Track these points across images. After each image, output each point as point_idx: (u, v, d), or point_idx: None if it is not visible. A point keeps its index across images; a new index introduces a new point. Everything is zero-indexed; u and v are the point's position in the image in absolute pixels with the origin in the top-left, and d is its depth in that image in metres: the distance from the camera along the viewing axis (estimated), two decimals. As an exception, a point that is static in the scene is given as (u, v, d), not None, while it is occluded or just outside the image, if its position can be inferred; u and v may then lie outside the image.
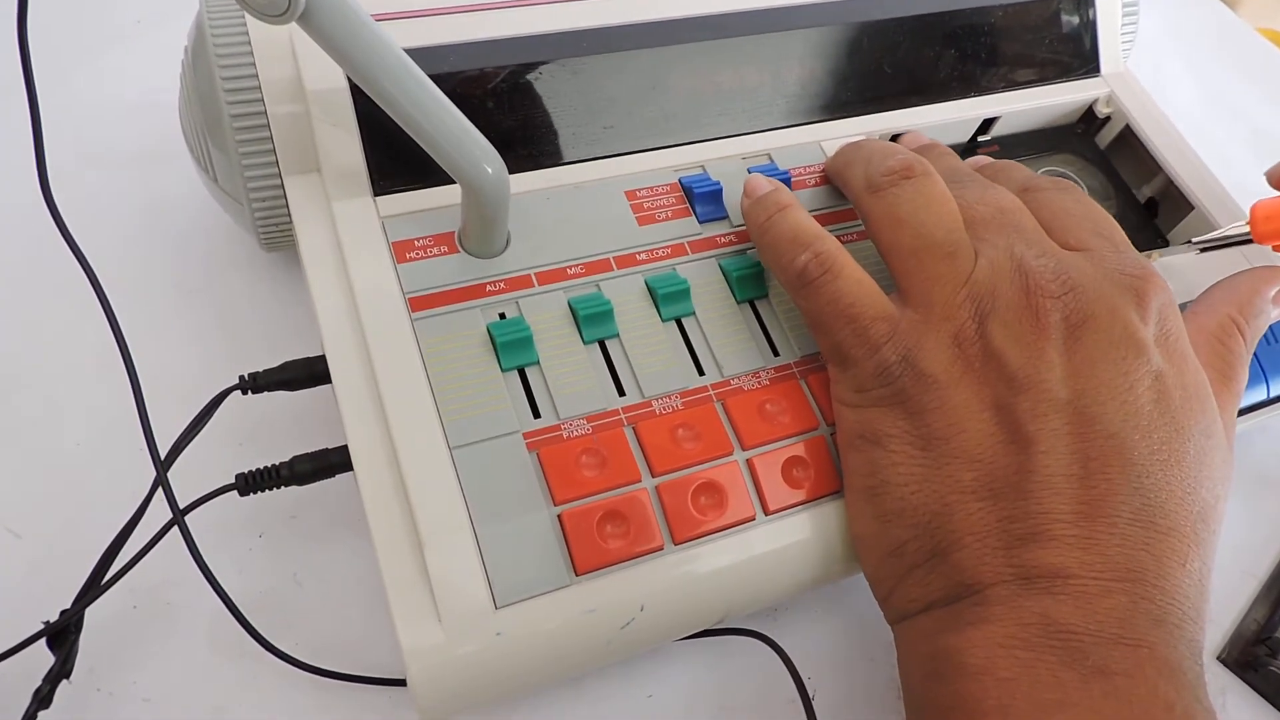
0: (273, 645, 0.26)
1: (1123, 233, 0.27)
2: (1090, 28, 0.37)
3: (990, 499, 0.22)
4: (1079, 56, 0.37)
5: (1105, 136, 0.37)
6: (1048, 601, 0.21)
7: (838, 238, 0.30)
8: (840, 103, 0.33)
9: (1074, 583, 0.21)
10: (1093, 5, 0.37)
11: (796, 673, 0.27)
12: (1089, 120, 0.37)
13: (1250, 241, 0.31)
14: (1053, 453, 0.22)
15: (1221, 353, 0.26)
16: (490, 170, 0.24)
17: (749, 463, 0.25)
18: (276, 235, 0.30)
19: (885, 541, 0.24)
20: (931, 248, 0.25)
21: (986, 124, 0.35)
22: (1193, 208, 0.34)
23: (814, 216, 0.30)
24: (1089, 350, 0.23)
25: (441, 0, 0.29)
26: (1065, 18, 0.36)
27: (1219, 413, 0.24)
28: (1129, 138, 0.36)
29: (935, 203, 0.25)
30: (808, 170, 0.31)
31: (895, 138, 0.33)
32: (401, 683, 0.27)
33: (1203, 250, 0.32)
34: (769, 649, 0.28)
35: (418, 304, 0.26)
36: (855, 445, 0.25)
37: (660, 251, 0.29)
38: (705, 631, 0.27)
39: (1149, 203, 0.36)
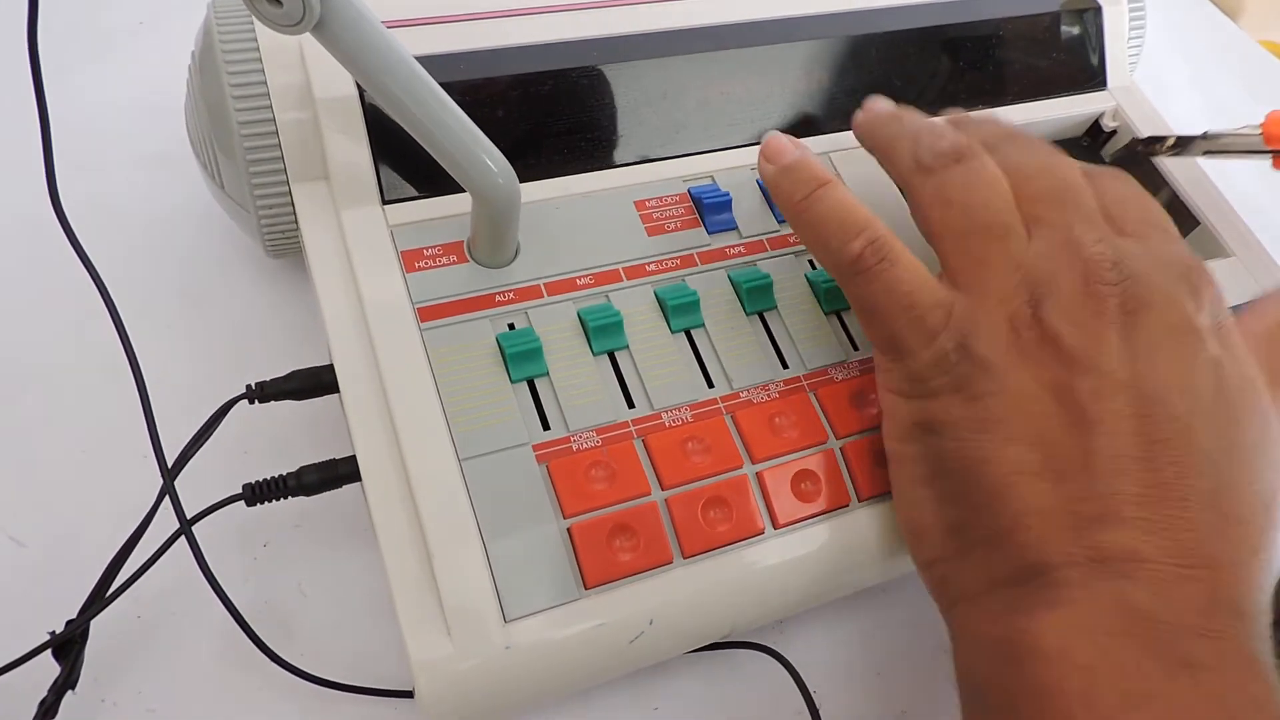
0: (278, 656, 0.26)
1: (1173, 224, 0.26)
2: (1097, 41, 0.37)
3: (1055, 480, 0.21)
4: (1086, 69, 0.37)
5: (1111, 150, 0.37)
6: (1124, 585, 0.20)
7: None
8: (849, 114, 0.33)
9: (1149, 567, 0.20)
10: (1100, 18, 0.37)
11: (804, 686, 0.27)
12: (1095, 133, 0.38)
13: (1258, 153, 0.31)
14: (1117, 434, 0.21)
15: (1272, 355, 0.26)
16: (501, 180, 0.24)
17: (758, 476, 0.25)
18: (283, 242, 0.30)
19: (944, 521, 0.23)
20: (982, 230, 0.24)
21: (993, 136, 0.35)
22: (1198, 223, 0.34)
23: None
24: (1148, 336, 0.22)
25: (453, 7, 0.29)
26: (1073, 31, 0.36)
27: (1273, 409, 0.24)
28: (1134, 152, 0.36)
29: (986, 185, 0.25)
30: (816, 181, 0.31)
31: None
32: (408, 694, 0.27)
33: (1206, 154, 0.32)
34: (776, 662, 0.27)
35: (427, 314, 0.26)
36: (912, 436, 0.24)
37: (669, 262, 0.29)
38: (712, 645, 0.27)
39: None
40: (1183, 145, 0.34)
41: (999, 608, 0.22)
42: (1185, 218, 0.35)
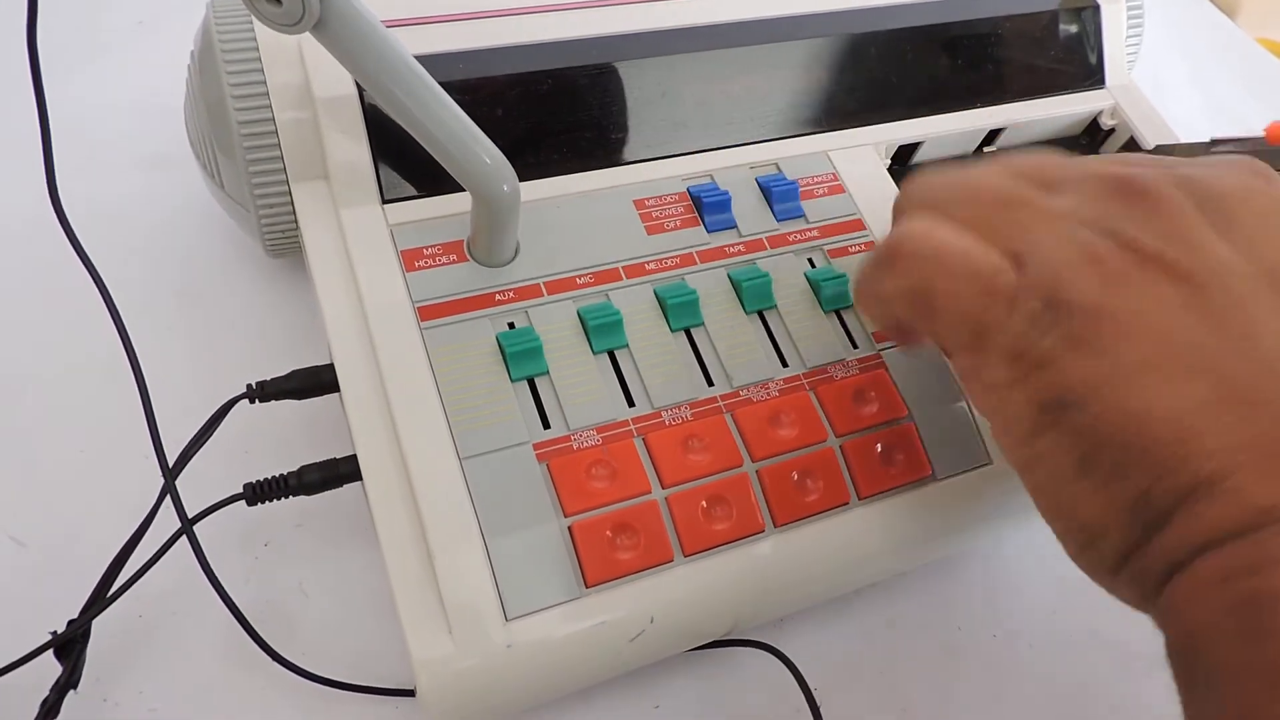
0: (280, 655, 0.26)
1: None
2: (1096, 39, 0.37)
3: (1245, 405, 0.18)
4: (1084, 68, 0.37)
5: (1109, 148, 0.37)
6: None
7: (846, 248, 0.30)
8: (848, 112, 0.33)
9: None
10: (1099, 17, 0.37)
11: (804, 683, 0.27)
12: (1093, 132, 0.38)
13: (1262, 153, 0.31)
14: None
15: None
16: (501, 179, 0.24)
17: (759, 474, 0.25)
18: (283, 242, 0.30)
19: (1121, 504, 0.19)
20: (999, 205, 0.22)
21: (992, 135, 0.36)
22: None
23: (822, 227, 0.30)
24: (1246, 227, 0.20)
25: (452, 6, 0.29)
26: (1071, 29, 0.36)
27: None
28: (1133, 150, 0.37)
29: (976, 177, 0.23)
30: (816, 180, 0.31)
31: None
32: (409, 693, 0.27)
33: (1212, 149, 0.32)
34: (776, 660, 0.27)
35: (427, 313, 0.26)
36: (1043, 423, 0.20)
37: (669, 261, 0.29)
38: (713, 643, 0.27)
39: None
40: (1190, 153, 0.34)
41: (1228, 568, 0.18)
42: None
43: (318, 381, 0.27)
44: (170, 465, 0.25)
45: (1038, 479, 0.21)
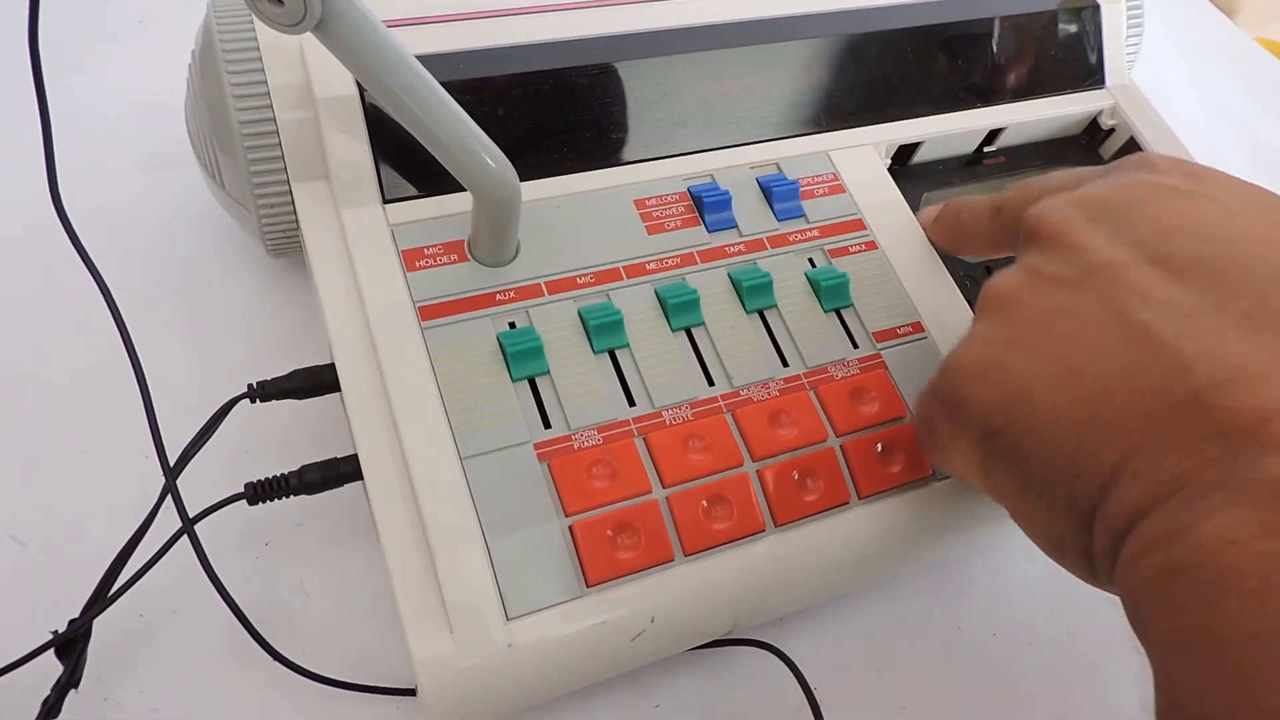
0: (281, 654, 0.26)
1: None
2: (1096, 39, 0.37)
3: (1125, 388, 0.19)
4: (1085, 68, 0.37)
5: (1109, 148, 0.38)
6: (1271, 461, 0.17)
7: (846, 248, 0.30)
8: (848, 112, 0.33)
9: None
10: (1099, 17, 0.37)
11: (805, 682, 0.27)
12: (1093, 132, 0.38)
13: None
14: (1154, 304, 0.19)
15: None
16: (502, 179, 0.24)
17: (759, 474, 0.26)
18: (284, 241, 0.30)
19: (1060, 509, 0.20)
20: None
21: (992, 135, 0.36)
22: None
23: (822, 227, 0.30)
24: (1127, 220, 0.22)
25: (453, 6, 0.29)
26: (1071, 29, 0.36)
27: None
28: (1133, 150, 0.37)
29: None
30: (816, 179, 0.31)
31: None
32: (410, 692, 0.27)
33: None
34: (777, 658, 0.28)
35: (427, 313, 0.26)
36: (986, 461, 0.22)
37: (669, 261, 0.29)
38: (713, 642, 0.27)
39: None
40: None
41: (1146, 541, 0.18)
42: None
43: (319, 381, 0.27)
44: (171, 465, 0.25)
45: (1007, 506, 0.23)
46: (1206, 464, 0.18)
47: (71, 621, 0.25)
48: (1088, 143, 0.38)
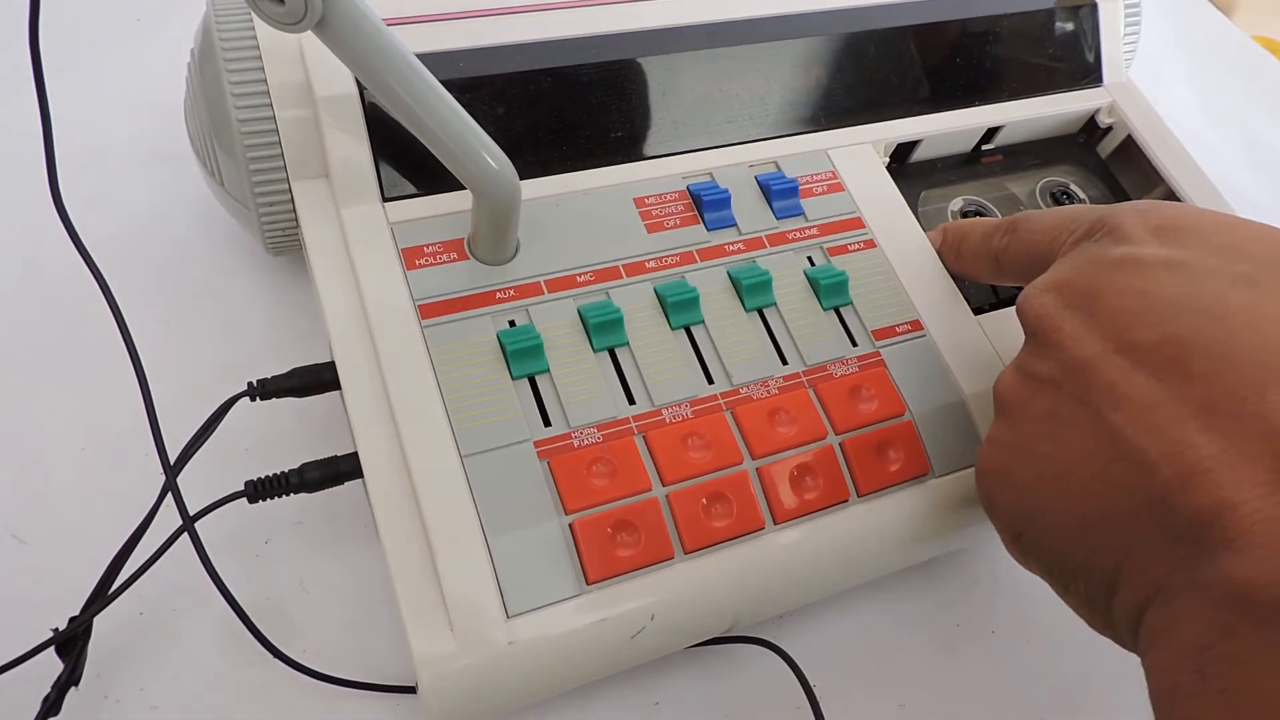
0: (281, 652, 0.26)
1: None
2: (1093, 37, 0.37)
3: (1110, 495, 0.20)
4: (1082, 66, 0.37)
5: (1107, 146, 0.38)
6: (1228, 563, 0.17)
7: (845, 246, 0.30)
8: (847, 111, 0.33)
9: (1241, 514, 0.17)
10: (1096, 15, 0.37)
11: (804, 679, 0.27)
12: (1091, 130, 0.38)
13: None
14: (1121, 405, 0.20)
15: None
16: (502, 177, 0.24)
17: (759, 471, 0.26)
18: (283, 240, 0.30)
19: (1083, 602, 0.22)
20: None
21: (990, 133, 0.36)
22: (1194, 218, 0.35)
23: (821, 225, 0.30)
24: (1105, 306, 0.21)
25: (453, 5, 0.29)
26: (1069, 27, 0.36)
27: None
28: (1130, 148, 0.37)
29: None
30: (815, 178, 0.31)
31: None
32: (410, 690, 0.27)
33: None
34: (776, 655, 0.28)
35: (428, 311, 0.26)
36: (1018, 556, 0.24)
37: (669, 259, 0.29)
38: (713, 639, 0.27)
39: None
40: None
41: (1149, 639, 0.19)
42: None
43: (319, 379, 0.27)
44: (171, 463, 0.25)
45: (1057, 596, 0.23)
46: (1174, 567, 0.18)
47: (72, 619, 0.25)
48: (1085, 141, 0.38)
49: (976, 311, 0.30)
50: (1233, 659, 0.17)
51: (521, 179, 0.25)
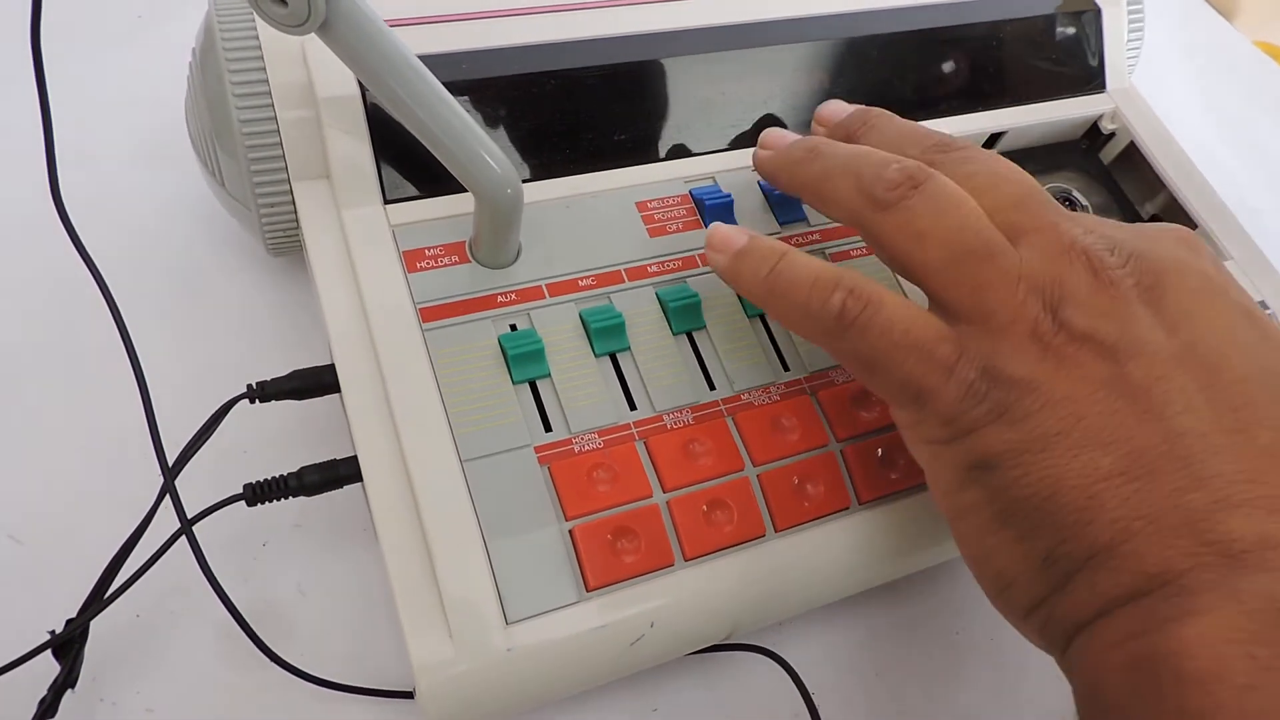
0: (278, 656, 0.26)
1: None
2: (1097, 43, 0.37)
3: (1146, 477, 0.19)
4: (1085, 72, 0.37)
5: (1109, 153, 0.38)
6: (1266, 579, 0.17)
7: (848, 251, 0.30)
8: (850, 115, 0.33)
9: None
10: (1099, 20, 0.37)
11: (803, 687, 0.27)
12: (1093, 136, 0.38)
13: None
14: (1193, 410, 0.20)
15: None
16: (504, 180, 0.24)
17: (760, 478, 0.25)
18: (284, 241, 0.30)
19: (1031, 559, 0.21)
20: (968, 255, 0.22)
21: (993, 138, 0.36)
22: (1196, 226, 0.35)
23: (824, 230, 0.30)
24: (1177, 305, 0.21)
25: (456, 7, 0.29)
26: (1072, 33, 0.36)
27: None
28: (1133, 154, 0.37)
29: (955, 206, 0.23)
30: (818, 183, 0.31)
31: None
32: (408, 695, 0.27)
33: None
34: (775, 664, 0.28)
35: (429, 314, 0.26)
36: (968, 480, 0.22)
37: (671, 263, 0.29)
38: (712, 647, 0.27)
39: (1152, 220, 0.37)
40: None
41: (1124, 630, 0.19)
42: (1183, 219, 0.35)
43: (318, 382, 0.26)
44: (170, 465, 0.25)
45: (961, 529, 0.23)
46: (1202, 566, 0.18)
47: (69, 622, 0.25)
48: (1088, 147, 0.38)
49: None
50: (1257, 660, 0.17)
51: (524, 182, 0.25)
